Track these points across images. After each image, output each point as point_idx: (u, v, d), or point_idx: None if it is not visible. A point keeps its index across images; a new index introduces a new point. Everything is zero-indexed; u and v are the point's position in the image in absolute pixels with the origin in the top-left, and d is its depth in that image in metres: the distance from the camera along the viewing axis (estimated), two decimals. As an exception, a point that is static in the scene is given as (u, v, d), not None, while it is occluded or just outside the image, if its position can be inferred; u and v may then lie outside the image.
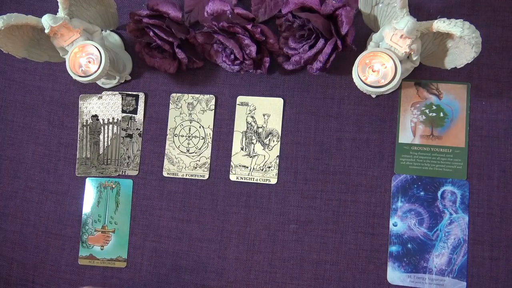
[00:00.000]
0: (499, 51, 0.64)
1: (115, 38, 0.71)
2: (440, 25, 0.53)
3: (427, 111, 0.64)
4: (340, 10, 0.59)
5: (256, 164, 0.66)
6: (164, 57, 0.67)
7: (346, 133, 0.66)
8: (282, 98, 0.67)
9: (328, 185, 0.65)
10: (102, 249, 0.68)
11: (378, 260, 0.63)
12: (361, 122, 0.65)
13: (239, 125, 0.68)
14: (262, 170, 0.66)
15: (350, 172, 0.65)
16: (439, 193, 0.63)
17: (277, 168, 0.66)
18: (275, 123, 0.67)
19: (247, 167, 0.67)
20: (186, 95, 0.69)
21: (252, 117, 0.68)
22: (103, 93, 0.71)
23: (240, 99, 0.68)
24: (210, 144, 0.68)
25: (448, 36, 0.55)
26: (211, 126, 0.68)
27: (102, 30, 0.66)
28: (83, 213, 0.69)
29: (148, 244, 0.67)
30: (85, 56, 0.62)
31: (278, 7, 0.66)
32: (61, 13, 0.60)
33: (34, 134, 0.72)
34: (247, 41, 0.62)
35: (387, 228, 0.63)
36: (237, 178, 0.67)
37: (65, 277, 0.68)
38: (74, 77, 0.61)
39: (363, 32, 0.65)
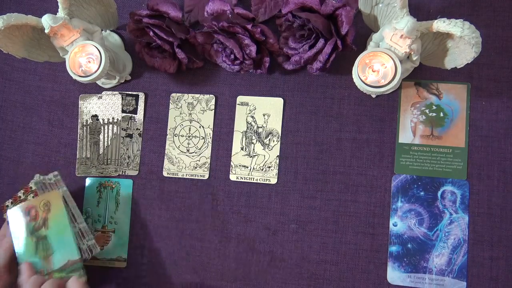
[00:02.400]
0: (499, 51, 0.64)
1: (115, 38, 0.71)
2: (440, 25, 0.53)
3: (427, 111, 0.64)
4: (340, 10, 0.59)
5: (256, 164, 0.66)
6: (164, 57, 0.67)
7: (346, 133, 0.66)
8: (282, 98, 0.67)
9: (328, 185, 0.65)
10: (102, 249, 0.68)
11: (378, 260, 0.63)
12: (361, 122, 0.65)
13: (239, 125, 0.68)
14: (262, 170, 0.66)
15: (350, 172, 0.65)
16: (439, 193, 0.63)
17: (277, 168, 0.66)
18: (275, 123, 0.67)
19: (247, 167, 0.67)
20: (186, 95, 0.69)
21: (252, 117, 0.68)
22: (103, 93, 0.71)
23: (240, 99, 0.68)
24: (210, 144, 0.68)
25: (448, 36, 0.55)
26: (211, 126, 0.68)
27: (102, 30, 0.66)
28: (83, 213, 0.69)
29: (148, 244, 0.67)
30: (85, 56, 0.62)
31: (278, 7, 0.66)
32: (61, 13, 0.60)
33: (34, 134, 0.72)
34: (247, 41, 0.62)
35: (387, 228, 0.63)
36: (237, 178, 0.67)
37: (65, 277, 0.68)
38: (74, 77, 0.61)
39: (363, 32, 0.65)
